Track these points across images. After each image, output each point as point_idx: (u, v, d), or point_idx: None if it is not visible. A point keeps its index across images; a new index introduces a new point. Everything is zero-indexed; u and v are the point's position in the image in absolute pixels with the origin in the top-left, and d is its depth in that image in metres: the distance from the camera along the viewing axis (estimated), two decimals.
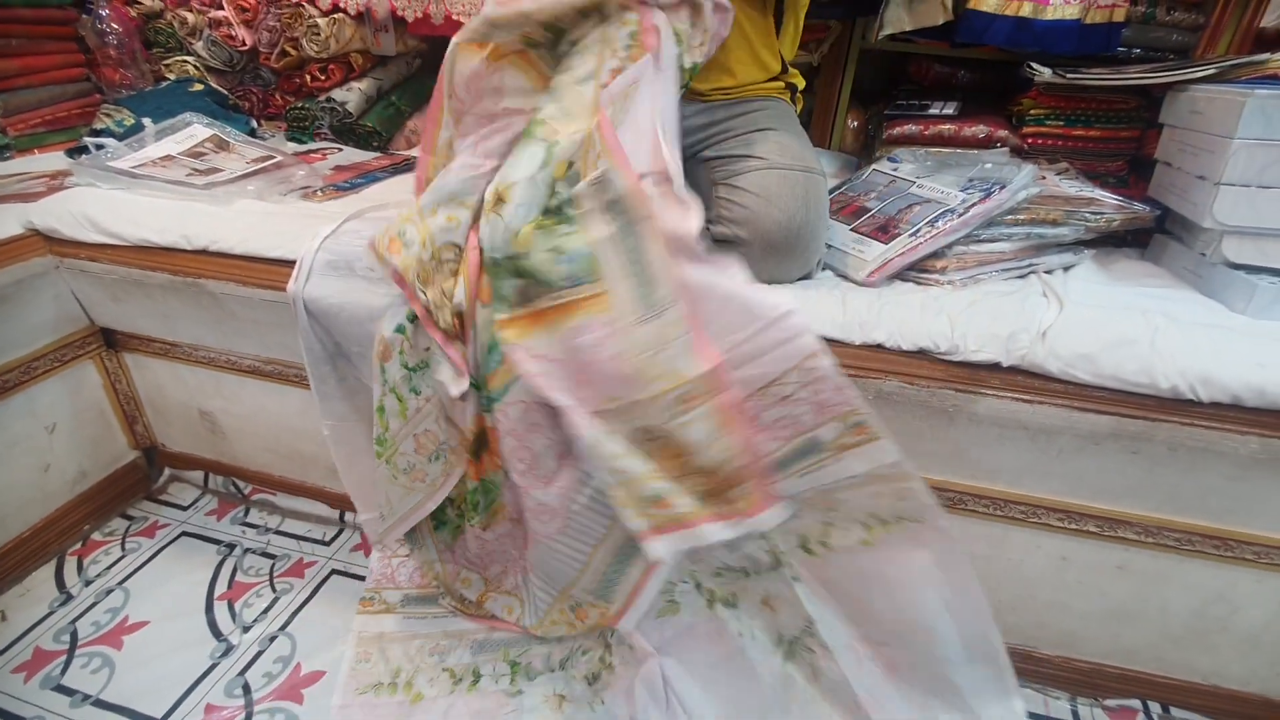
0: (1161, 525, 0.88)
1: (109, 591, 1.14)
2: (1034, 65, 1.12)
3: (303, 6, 1.48)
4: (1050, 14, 1.13)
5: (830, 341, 0.86)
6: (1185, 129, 0.99)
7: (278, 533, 1.28)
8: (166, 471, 1.39)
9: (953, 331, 0.83)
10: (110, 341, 1.26)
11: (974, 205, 0.91)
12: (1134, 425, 0.79)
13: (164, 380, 1.28)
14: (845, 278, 0.95)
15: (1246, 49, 1.17)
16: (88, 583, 1.16)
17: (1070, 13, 1.13)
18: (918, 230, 0.92)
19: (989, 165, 1.02)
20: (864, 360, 0.85)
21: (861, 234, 0.98)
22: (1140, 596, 0.94)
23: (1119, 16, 1.16)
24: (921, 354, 0.84)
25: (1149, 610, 0.95)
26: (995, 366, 0.82)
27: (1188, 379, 0.76)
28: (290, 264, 1.01)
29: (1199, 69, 1.00)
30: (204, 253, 1.05)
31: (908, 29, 1.22)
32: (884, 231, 0.96)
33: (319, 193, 1.20)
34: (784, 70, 1.07)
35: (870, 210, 1.02)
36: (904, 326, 0.85)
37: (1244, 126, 0.85)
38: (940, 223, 0.91)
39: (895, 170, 1.09)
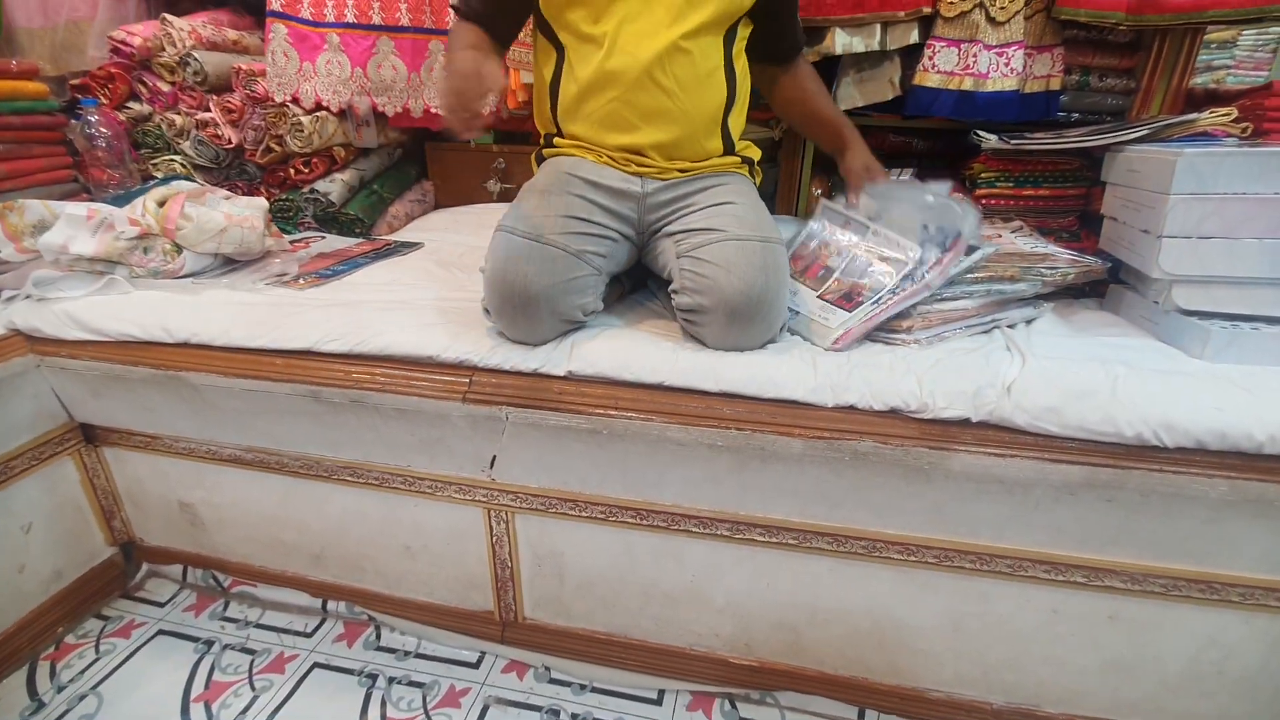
0: (1146, 572, 0.89)
1: (82, 697, 1.10)
2: (980, 133, 1.19)
3: (287, 106, 1.55)
4: (991, 86, 1.21)
5: (804, 405, 0.88)
6: (1126, 186, 1.04)
7: (258, 626, 1.24)
8: (144, 567, 1.36)
9: (921, 390, 0.85)
10: (90, 436, 1.25)
11: (930, 268, 0.95)
12: (1105, 474, 0.80)
13: (143, 473, 1.26)
14: (812, 344, 0.97)
15: (1178, 109, 1.25)
16: (60, 689, 1.12)
17: (1009, 85, 1.21)
18: (879, 298, 0.95)
19: (930, 199, 1.02)
20: (837, 422, 0.86)
21: (827, 301, 1.01)
22: (1134, 646, 0.93)
23: (1055, 85, 1.24)
24: (893, 413, 0.86)
25: (1144, 660, 0.94)
26: (965, 422, 0.84)
27: (1150, 426, 0.79)
28: (274, 353, 1.03)
29: (1132, 130, 1.06)
30: (185, 345, 1.06)
31: (859, 105, 1.30)
32: (848, 300, 0.99)
33: (300, 280, 1.23)
34: (731, 148, 1.11)
35: (833, 271, 1.05)
36: (874, 387, 0.87)
37: (1178, 183, 0.91)
38: (901, 289, 0.95)
39: (847, 212, 1.10)
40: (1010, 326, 1.02)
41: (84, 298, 1.13)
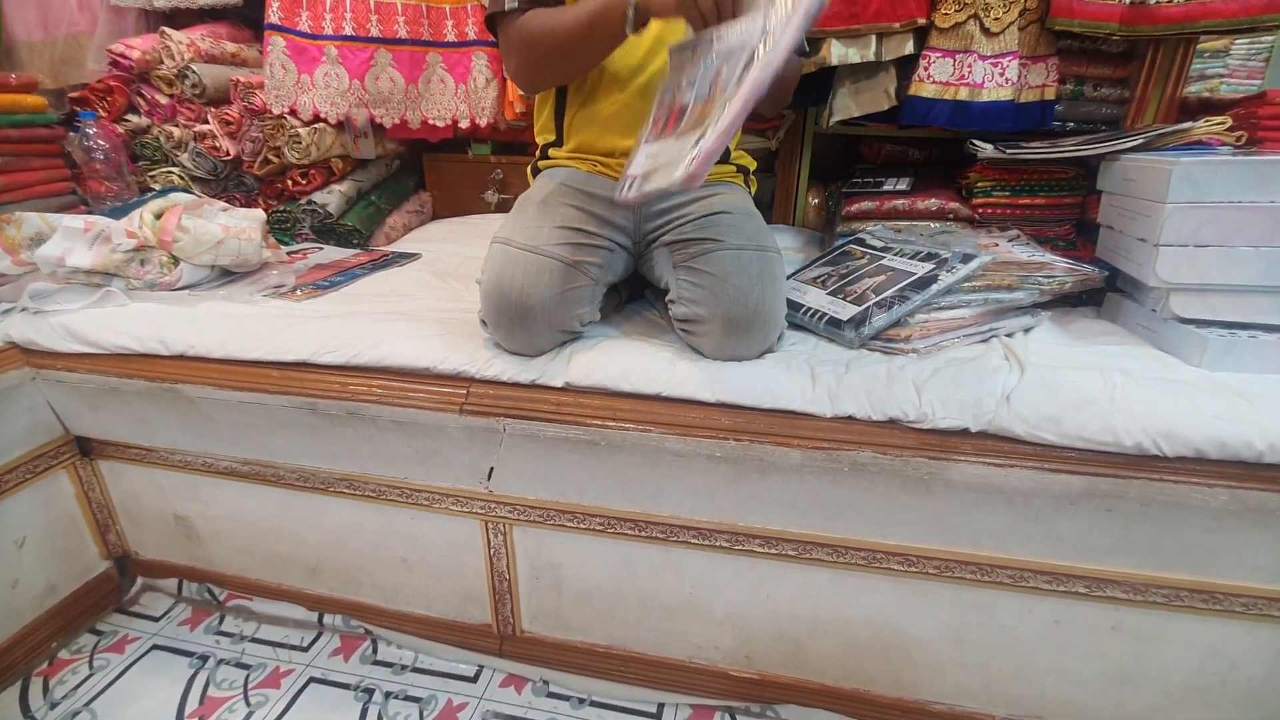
0: (1148, 582, 0.88)
1: (75, 714, 1.08)
2: (976, 142, 1.19)
3: (285, 118, 1.55)
4: (986, 96, 1.22)
5: (802, 415, 0.88)
6: (1121, 195, 1.04)
7: (253, 640, 1.23)
8: (139, 581, 1.35)
9: (920, 399, 0.85)
10: (85, 449, 1.24)
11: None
12: (1105, 484, 0.80)
13: (139, 486, 1.26)
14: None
15: (1172, 118, 1.26)
16: (53, 705, 1.10)
17: (1004, 94, 1.21)
18: (729, 88, 0.76)
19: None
20: (836, 433, 0.86)
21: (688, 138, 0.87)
22: (1137, 657, 0.93)
23: (1050, 95, 1.24)
24: (892, 423, 0.86)
25: (1148, 671, 0.93)
26: (964, 432, 0.84)
27: (1150, 435, 0.78)
28: (271, 365, 1.03)
29: (1127, 140, 1.07)
30: (181, 358, 1.06)
31: (855, 115, 1.30)
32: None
33: (297, 291, 1.23)
34: (727, 157, 1.13)
35: (689, 105, 0.87)
36: (872, 396, 0.86)
37: (1174, 192, 0.91)
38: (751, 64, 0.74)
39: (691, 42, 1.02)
40: (1008, 335, 1.01)
41: (80, 310, 1.12)
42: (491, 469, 1.02)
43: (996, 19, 1.19)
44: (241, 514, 1.21)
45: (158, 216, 1.21)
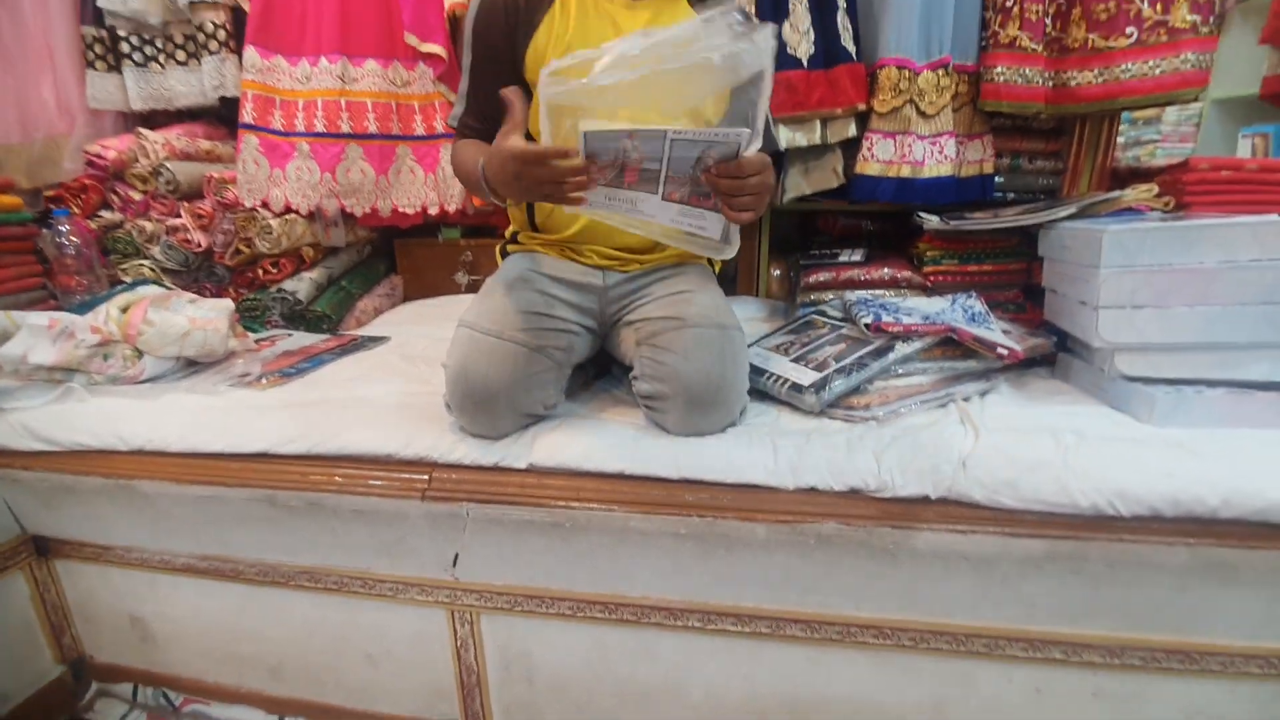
0: (1124, 645, 0.87)
1: None
2: (923, 214, 1.24)
3: (256, 210, 1.59)
4: (927, 173, 1.28)
5: (765, 489, 0.88)
6: (1061, 261, 1.09)
7: None
8: (94, 686, 1.28)
9: (879, 468, 0.86)
10: (42, 549, 1.20)
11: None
12: (1066, 546, 0.80)
13: (95, 586, 1.21)
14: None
15: (1104, 186, 1.33)
16: None
17: (944, 170, 1.28)
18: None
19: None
20: (799, 505, 0.86)
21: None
22: None
23: (989, 169, 1.32)
24: (854, 494, 0.86)
25: None
26: (925, 500, 0.84)
27: (1105, 495, 0.79)
28: (229, 457, 1.01)
29: (1062, 209, 1.12)
30: (139, 453, 1.05)
31: (807, 193, 1.36)
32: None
33: (262, 380, 1.22)
34: None
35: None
36: (833, 467, 0.87)
37: (1106, 257, 0.95)
38: None
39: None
40: (965, 400, 1.03)
41: (40, 408, 1.11)
42: (456, 555, 1.00)
43: (931, 103, 1.27)
44: (200, 613, 1.17)
45: (124, 310, 1.21)
